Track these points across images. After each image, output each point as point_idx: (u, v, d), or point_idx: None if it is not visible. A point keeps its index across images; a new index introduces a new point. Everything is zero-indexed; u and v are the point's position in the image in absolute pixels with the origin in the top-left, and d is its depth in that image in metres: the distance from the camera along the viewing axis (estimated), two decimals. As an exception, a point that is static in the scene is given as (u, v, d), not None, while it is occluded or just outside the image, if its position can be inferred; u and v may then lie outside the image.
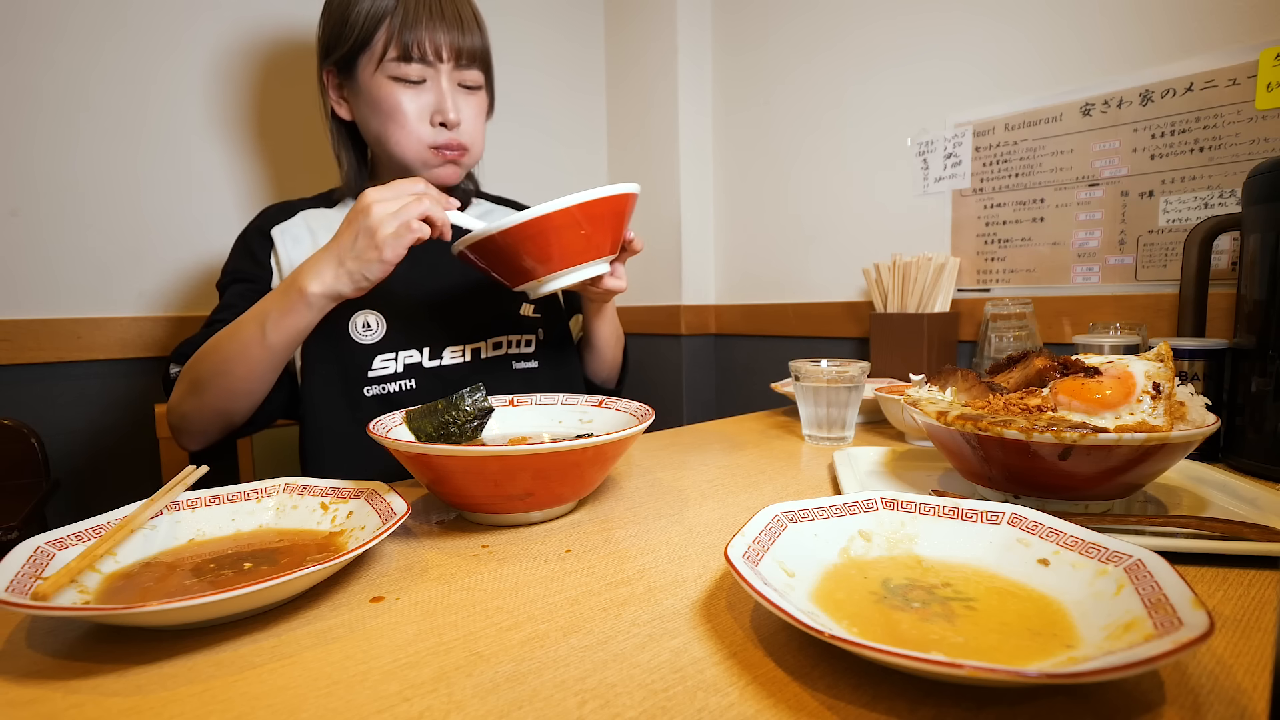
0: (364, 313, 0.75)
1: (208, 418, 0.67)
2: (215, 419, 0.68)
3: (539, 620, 0.35)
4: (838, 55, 1.29)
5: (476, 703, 0.28)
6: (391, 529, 0.40)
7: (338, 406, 0.74)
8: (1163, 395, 0.45)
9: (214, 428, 0.69)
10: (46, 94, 0.96)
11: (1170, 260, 0.91)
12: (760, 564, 0.34)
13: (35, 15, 0.95)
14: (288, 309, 0.61)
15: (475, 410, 0.56)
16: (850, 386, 0.75)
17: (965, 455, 0.49)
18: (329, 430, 0.74)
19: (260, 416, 0.72)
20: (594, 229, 0.63)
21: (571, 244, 0.62)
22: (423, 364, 0.77)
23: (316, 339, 0.71)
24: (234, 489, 0.48)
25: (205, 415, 0.67)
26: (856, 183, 1.29)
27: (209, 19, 1.08)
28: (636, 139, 1.61)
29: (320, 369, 0.74)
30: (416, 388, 0.76)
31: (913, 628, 0.31)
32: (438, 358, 0.78)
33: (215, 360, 0.65)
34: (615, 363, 0.93)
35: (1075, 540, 0.35)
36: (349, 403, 0.74)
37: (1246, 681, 0.28)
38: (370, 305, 0.76)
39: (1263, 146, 0.82)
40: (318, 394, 0.74)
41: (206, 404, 0.66)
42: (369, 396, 0.75)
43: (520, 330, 0.84)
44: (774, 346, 1.47)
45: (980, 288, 1.12)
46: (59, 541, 0.39)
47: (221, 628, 0.34)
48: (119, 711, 0.27)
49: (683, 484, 0.61)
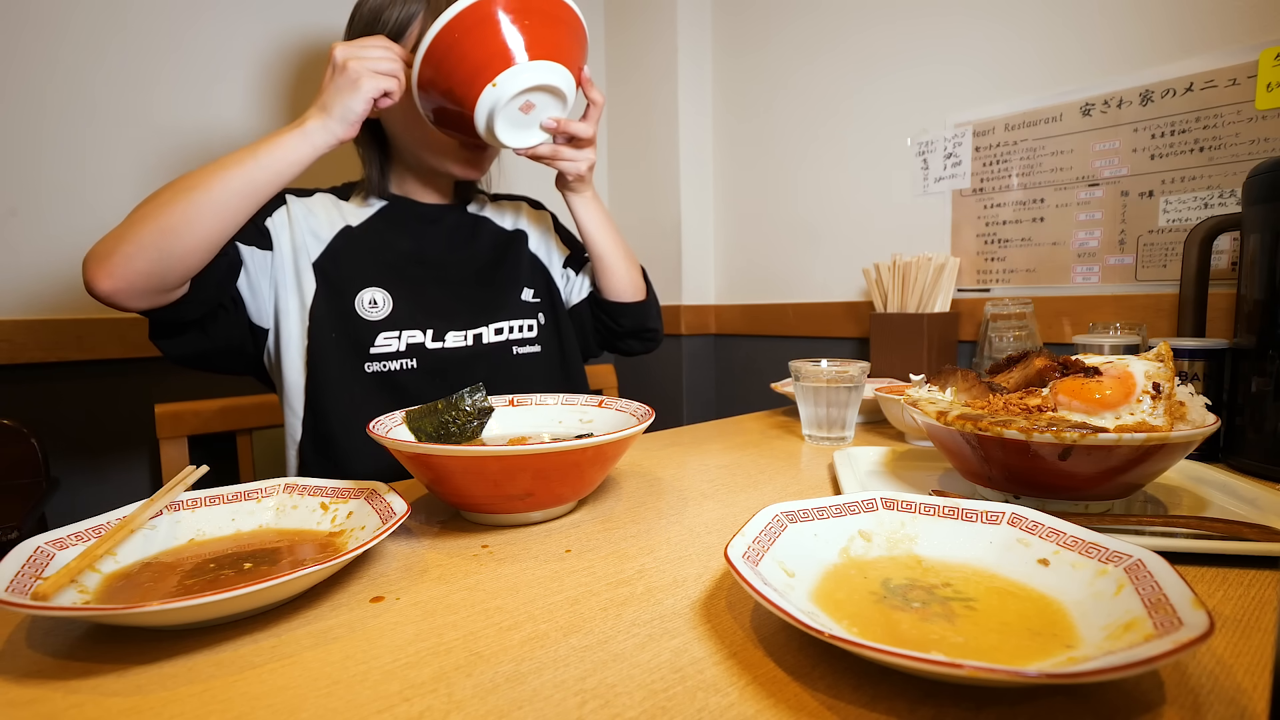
0: (372, 289, 0.77)
1: (140, 252, 0.58)
2: (148, 254, 0.58)
3: (539, 620, 0.35)
4: (838, 57, 1.29)
5: (476, 703, 0.28)
6: (391, 529, 0.40)
7: (335, 376, 0.75)
8: (1163, 395, 0.45)
9: (140, 264, 0.58)
10: (47, 93, 0.96)
11: (1170, 260, 0.91)
12: (760, 564, 0.34)
13: (37, 15, 0.95)
14: (278, 141, 0.63)
15: (475, 410, 0.56)
16: (850, 386, 0.75)
17: (965, 455, 0.49)
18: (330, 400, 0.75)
19: (198, 293, 0.64)
20: (537, 23, 0.65)
21: (521, 34, 0.64)
22: (425, 344, 0.78)
23: (324, 310, 0.74)
24: (234, 489, 0.48)
25: (139, 248, 0.58)
26: (856, 183, 1.29)
27: (210, 18, 1.08)
28: (637, 140, 1.61)
29: (324, 339, 0.75)
30: (418, 368, 0.78)
31: (913, 628, 0.31)
32: (440, 340, 0.79)
33: (178, 188, 0.60)
34: (628, 276, 0.89)
35: (1075, 540, 0.35)
36: (350, 375, 0.75)
37: (1246, 681, 0.28)
38: (378, 283, 0.78)
39: (1263, 146, 0.82)
40: (321, 360, 0.75)
41: (148, 234, 0.58)
42: (369, 372, 0.76)
43: (521, 315, 0.86)
44: (774, 346, 1.47)
45: (980, 288, 1.12)
46: (59, 541, 0.39)
47: (221, 628, 0.34)
48: (119, 711, 0.27)
49: (683, 484, 0.61)
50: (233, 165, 0.61)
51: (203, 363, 0.72)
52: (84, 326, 0.98)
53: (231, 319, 0.71)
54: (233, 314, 0.71)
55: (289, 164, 0.63)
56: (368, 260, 0.79)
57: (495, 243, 0.90)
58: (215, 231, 0.62)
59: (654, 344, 0.96)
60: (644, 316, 0.91)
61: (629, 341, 0.94)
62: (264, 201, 0.64)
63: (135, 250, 0.58)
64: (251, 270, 0.72)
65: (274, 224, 0.75)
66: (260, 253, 0.73)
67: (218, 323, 0.70)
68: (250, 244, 0.72)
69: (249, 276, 0.71)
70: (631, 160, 1.62)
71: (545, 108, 0.71)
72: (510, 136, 0.71)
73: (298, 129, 0.63)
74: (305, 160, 0.64)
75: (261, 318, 0.74)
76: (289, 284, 0.75)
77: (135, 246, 0.58)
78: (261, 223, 0.74)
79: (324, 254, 0.77)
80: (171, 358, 0.69)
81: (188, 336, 0.68)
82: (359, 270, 0.78)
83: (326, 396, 0.75)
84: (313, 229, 0.78)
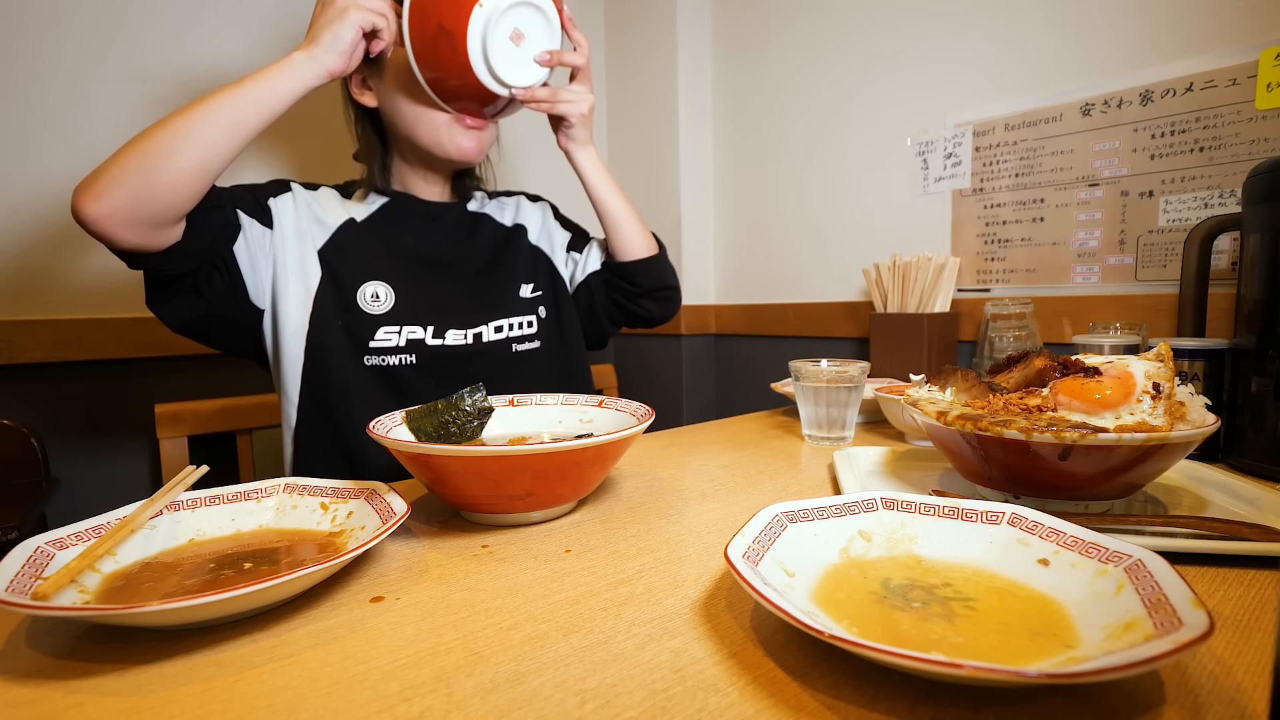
0: (374, 283, 0.78)
1: (126, 175, 0.58)
2: (134, 178, 0.58)
3: (539, 620, 0.35)
4: (838, 58, 1.29)
5: (476, 703, 0.28)
6: (391, 529, 0.40)
7: (334, 367, 0.75)
8: (1163, 395, 0.45)
9: (126, 189, 0.58)
10: (47, 93, 0.96)
11: (1170, 260, 0.91)
12: (760, 564, 0.34)
13: (39, 14, 0.95)
14: (265, 74, 0.63)
15: (475, 410, 0.56)
16: (850, 386, 0.75)
17: (965, 455, 0.49)
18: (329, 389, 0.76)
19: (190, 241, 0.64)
20: None
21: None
22: (425, 341, 0.79)
23: (329, 300, 0.75)
24: (234, 489, 0.48)
25: (125, 171, 0.58)
26: (856, 183, 1.29)
27: (211, 18, 1.08)
28: (637, 140, 1.61)
29: (328, 327, 0.75)
30: (417, 363, 0.78)
31: (913, 628, 0.31)
32: (440, 337, 0.79)
33: (165, 119, 0.60)
34: (639, 231, 0.88)
35: (1075, 540, 0.35)
36: (350, 367, 0.76)
37: (1246, 681, 0.28)
38: (381, 277, 0.78)
39: (1263, 146, 0.82)
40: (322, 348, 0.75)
41: (133, 158, 0.58)
42: (368, 365, 0.76)
43: (520, 312, 0.86)
44: (774, 346, 1.47)
45: (980, 288, 1.12)
46: (59, 541, 0.39)
47: (221, 628, 0.34)
48: (119, 711, 0.27)
49: (683, 484, 0.61)
50: (219, 95, 0.62)
51: (201, 331, 0.71)
52: (84, 326, 0.98)
53: (226, 284, 0.70)
54: (227, 279, 0.70)
55: (276, 94, 0.63)
56: (371, 254, 0.80)
57: (495, 239, 0.90)
58: (200, 159, 0.60)
59: (672, 305, 0.93)
60: (661, 272, 0.90)
61: (646, 304, 0.91)
62: (251, 136, 0.63)
63: (122, 173, 0.58)
64: (251, 241, 0.72)
65: (277, 205, 0.76)
66: (260, 227, 0.73)
67: (213, 286, 0.69)
68: (252, 216, 0.72)
69: (248, 247, 0.71)
70: (632, 161, 1.62)
71: (535, 38, 0.73)
72: (508, 72, 0.72)
73: (284, 61, 0.64)
74: (292, 93, 0.64)
75: (259, 296, 0.74)
76: (291, 267, 0.75)
77: (121, 169, 0.58)
78: (264, 200, 0.75)
79: (329, 243, 0.78)
80: (169, 324, 0.68)
81: (183, 299, 0.68)
82: (362, 263, 0.78)
83: (325, 386, 0.76)
84: (318, 216, 0.78)
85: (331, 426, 0.76)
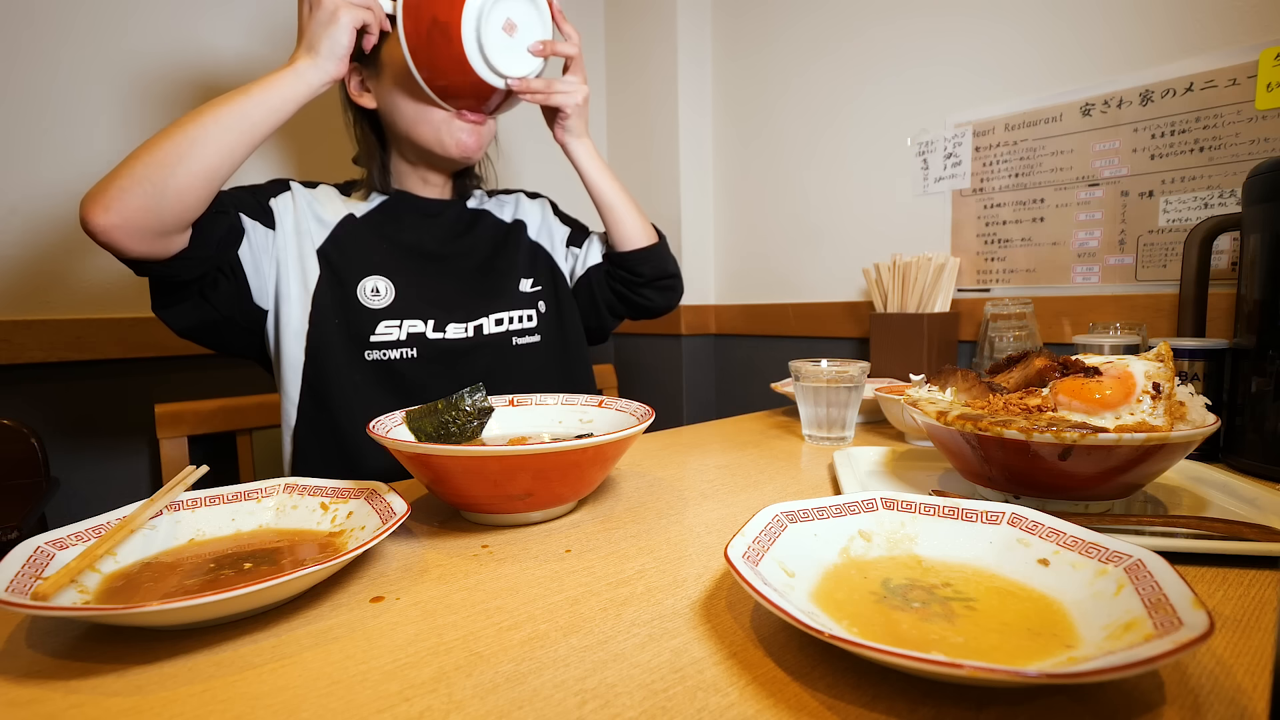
0: (374, 278, 0.78)
1: (135, 185, 0.58)
2: (143, 188, 0.58)
3: (539, 620, 0.35)
4: (837, 58, 1.29)
5: (476, 703, 0.28)
6: (391, 529, 0.40)
7: (335, 363, 0.76)
8: (1163, 395, 0.45)
9: (135, 199, 0.57)
10: (47, 92, 0.96)
11: (1170, 260, 0.91)
12: (760, 564, 0.34)
13: (39, 14, 0.95)
14: (272, 80, 0.64)
15: (475, 410, 0.56)
16: (850, 386, 0.75)
17: (965, 455, 0.49)
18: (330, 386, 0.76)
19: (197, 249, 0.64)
20: None
21: None
22: (426, 334, 0.79)
23: (328, 298, 0.75)
24: (234, 489, 0.48)
25: (133, 181, 0.58)
26: (856, 183, 1.29)
27: (212, 17, 1.08)
28: (637, 140, 1.61)
29: (327, 325, 0.75)
30: (418, 357, 0.78)
31: (913, 628, 0.31)
32: (441, 330, 0.80)
33: (173, 126, 0.60)
34: (638, 221, 0.88)
35: (1075, 540, 0.35)
36: (350, 363, 0.76)
37: (1246, 681, 0.28)
38: (381, 272, 0.79)
39: (1263, 146, 0.82)
40: (322, 346, 0.75)
41: (142, 168, 0.58)
42: (369, 360, 0.77)
43: (520, 306, 0.86)
44: (774, 346, 1.47)
45: (980, 288, 1.12)
46: (59, 541, 0.39)
47: (221, 628, 0.34)
48: (119, 711, 0.27)
49: (683, 484, 0.61)
50: (228, 101, 0.62)
51: (207, 336, 0.71)
52: (84, 326, 0.98)
53: (232, 288, 0.70)
54: (233, 283, 0.70)
55: (283, 100, 0.64)
56: (370, 249, 0.80)
57: (495, 235, 0.90)
58: (210, 166, 0.61)
59: (675, 294, 0.93)
60: (662, 261, 0.89)
61: (648, 294, 0.90)
62: (259, 143, 0.64)
63: (130, 183, 0.58)
64: (254, 244, 0.72)
65: (278, 205, 0.76)
66: (263, 229, 0.73)
67: (218, 291, 0.69)
68: (254, 219, 0.72)
69: (252, 249, 0.71)
70: (632, 161, 1.62)
71: (528, 29, 0.74)
72: (503, 62, 0.72)
73: (289, 69, 0.64)
74: (299, 98, 0.65)
75: (262, 297, 0.74)
76: (291, 267, 0.75)
77: (130, 180, 0.58)
78: (265, 201, 0.75)
79: (328, 240, 0.78)
80: (175, 329, 0.69)
81: (189, 304, 0.68)
82: (362, 258, 0.78)
83: (326, 383, 0.76)
84: (317, 214, 0.79)
85: (331, 426, 0.76)
